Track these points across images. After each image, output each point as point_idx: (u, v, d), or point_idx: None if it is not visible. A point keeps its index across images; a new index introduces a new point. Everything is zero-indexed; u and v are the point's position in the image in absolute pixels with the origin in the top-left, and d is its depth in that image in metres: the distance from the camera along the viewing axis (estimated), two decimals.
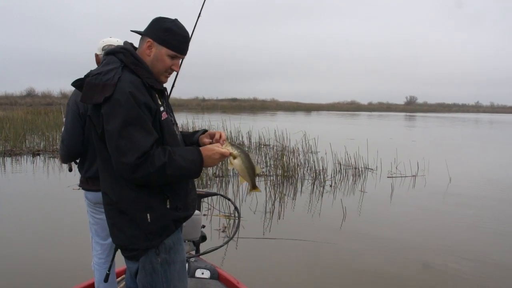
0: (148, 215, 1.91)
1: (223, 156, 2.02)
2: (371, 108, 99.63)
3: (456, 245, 5.79)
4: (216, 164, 2.08)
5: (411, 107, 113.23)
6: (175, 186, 1.99)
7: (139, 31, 2.03)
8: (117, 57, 1.94)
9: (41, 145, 14.50)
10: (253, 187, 2.22)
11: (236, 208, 3.55)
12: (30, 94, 62.52)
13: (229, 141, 2.11)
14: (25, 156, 12.84)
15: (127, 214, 1.92)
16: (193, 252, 3.39)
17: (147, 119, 1.85)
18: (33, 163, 11.90)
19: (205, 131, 2.25)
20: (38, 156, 12.89)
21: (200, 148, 2.00)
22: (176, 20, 2.01)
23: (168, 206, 1.96)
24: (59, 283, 4.18)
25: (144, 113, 1.84)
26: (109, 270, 2.58)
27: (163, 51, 1.96)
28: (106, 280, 2.56)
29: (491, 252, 5.60)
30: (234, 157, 2.08)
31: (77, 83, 1.96)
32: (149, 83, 1.92)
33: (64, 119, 2.94)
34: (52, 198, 7.92)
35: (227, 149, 2.04)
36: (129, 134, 1.78)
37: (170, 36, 1.96)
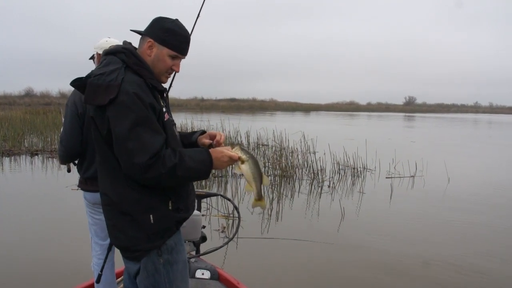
0: (151, 216, 1.89)
1: (232, 160, 2.00)
2: (370, 108, 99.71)
3: (456, 244, 5.82)
4: (224, 167, 2.06)
5: (410, 107, 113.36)
6: (177, 187, 1.98)
7: (139, 31, 2.02)
8: (118, 57, 1.91)
9: (40, 145, 14.48)
10: (259, 198, 2.13)
11: (236, 208, 3.55)
12: (29, 94, 62.39)
13: (239, 145, 2.10)
14: (23, 156, 12.84)
15: (129, 215, 1.90)
16: (193, 253, 3.39)
17: (155, 120, 1.85)
18: (32, 163, 11.90)
19: (203, 132, 2.24)
20: (36, 156, 12.89)
21: (210, 150, 1.99)
22: (176, 20, 2.01)
23: (170, 208, 1.95)
24: (59, 284, 4.18)
25: (151, 114, 1.84)
26: (101, 271, 2.58)
27: (164, 51, 1.96)
28: (98, 281, 2.56)
29: (491, 250, 5.62)
30: (242, 162, 2.05)
31: (76, 83, 1.93)
32: (152, 84, 1.92)
33: (63, 120, 2.94)
34: (51, 198, 7.92)
35: (236, 152, 2.03)
36: (139, 135, 1.77)
37: (171, 36, 1.95)
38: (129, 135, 1.77)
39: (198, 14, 3.34)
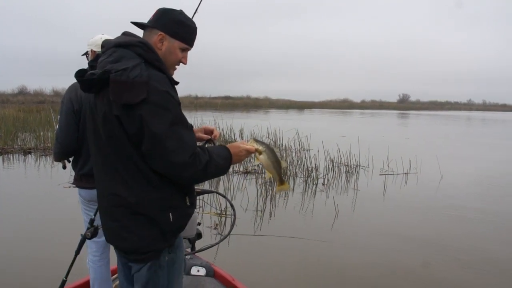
0: (170, 214, 1.84)
1: (249, 153, 2.04)
2: (363, 106, 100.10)
3: (451, 240, 5.85)
4: (241, 160, 2.07)
5: (404, 105, 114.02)
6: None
7: (144, 23, 1.94)
8: (133, 51, 1.80)
9: (33, 143, 14.42)
10: (281, 182, 2.24)
11: (232, 205, 3.55)
12: (22, 92, 61.95)
13: (254, 137, 2.15)
14: (16, 155, 12.78)
15: (144, 215, 1.83)
16: (189, 250, 3.40)
17: (185, 117, 1.82)
18: (25, 161, 11.85)
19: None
20: (29, 154, 12.83)
21: (227, 145, 2.00)
22: (182, 11, 1.96)
23: (188, 204, 1.92)
24: (55, 282, 4.17)
25: (182, 112, 1.81)
26: (66, 277, 2.55)
27: (176, 44, 1.91)
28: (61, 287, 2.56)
29: (486, 246, 5.68)
30: (260, 153, 2.10)
31: (80, 77, 1.79)
32: (174, 80, 1.87)
33: (58, 117, 2.94)
34: (44, 196, 7.90)
35: (252, 145, 2.07)
36: (177, 134, 1.74)
37: (182, 28, 1.92)
38: (167, 134, 1.72)
39: (195, 11, 3.32)
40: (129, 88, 1.69)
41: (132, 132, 1.75)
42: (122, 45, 1.82)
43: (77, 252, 2.82)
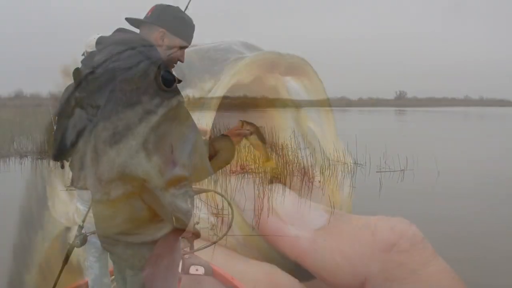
0: (173, 217, 1.75)
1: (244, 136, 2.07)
2: (361, 103, 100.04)
3: (447, 237, 5.87)
4: None
5: (401, 102, 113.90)
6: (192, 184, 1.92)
7: (140, 20, 1.90)
8: (135, 49, 1.77)
9: (29, 147, 14.36)
10: (267, 159, 2.37)
11: (230, 204, 3.56)
12: (19, 96, 61.68)
13: (243, 120, 2.16)
14: (13, 158, 12.74)
15: (147, 219, 1.78)
16: (187, 249, 3.41)
17: (191, 115, 1.80)
18: (21, 164, 11.82)
19: None
20: (26, 158, 12.80)
21: (229, 136, 1.99)
22: (179, 8, 1.95)
23: (189, 205, 1.83)
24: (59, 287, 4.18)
25: None
26: None
27: (177, 42, 1.89)
28: None
29: (484, 242, 5.72)
30: (251, 134, 2.17)
31: (76, 74, 1.78)
32: (177, 79, 1.81)
33: (56, 118, 2.94)
34: (42, 200, 7.87)
35: (247, 129, 2.13)
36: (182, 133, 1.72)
37: (183, 26, 1.91)
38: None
39: (186, 7, 3.32)
40: (136, 86, 1.66)
41: (139, 131, 1.69)
42: (122, 43, 1.78)
43: (65, 261, 2.80)
